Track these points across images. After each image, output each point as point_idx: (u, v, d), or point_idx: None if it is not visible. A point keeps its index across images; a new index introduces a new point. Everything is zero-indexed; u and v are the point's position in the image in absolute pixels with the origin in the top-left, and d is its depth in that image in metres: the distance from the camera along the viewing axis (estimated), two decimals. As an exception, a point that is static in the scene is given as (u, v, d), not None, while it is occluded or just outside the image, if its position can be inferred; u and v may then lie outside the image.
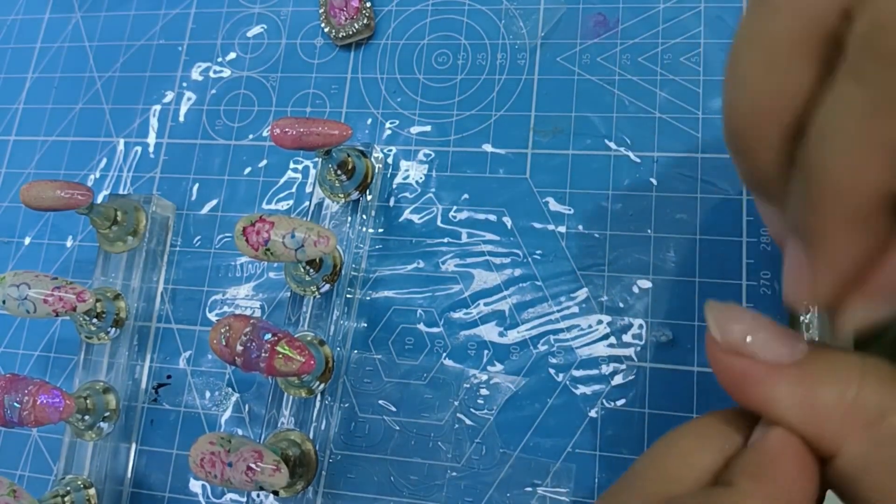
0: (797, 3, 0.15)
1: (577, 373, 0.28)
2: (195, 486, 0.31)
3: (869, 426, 0.16)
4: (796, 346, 0.17)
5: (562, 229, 0.30)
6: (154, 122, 0.36)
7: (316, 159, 0.33)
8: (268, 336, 0.26)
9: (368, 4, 0.34)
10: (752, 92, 0.16)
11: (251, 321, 0.26)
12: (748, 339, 0.17)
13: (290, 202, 0.33)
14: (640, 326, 0.28)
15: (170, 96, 0.36)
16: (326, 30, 0.34)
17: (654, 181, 0.30)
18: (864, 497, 0.16)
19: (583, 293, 0.29)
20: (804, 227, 0.16)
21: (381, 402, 0.30)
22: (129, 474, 0.31)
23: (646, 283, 0.29)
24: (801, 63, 0.16)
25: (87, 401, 0.30)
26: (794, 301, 0.18)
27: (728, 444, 0.18)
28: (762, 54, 0.16)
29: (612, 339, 0.28)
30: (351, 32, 0.34)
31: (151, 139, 0.36)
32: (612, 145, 0.31)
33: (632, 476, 0.18)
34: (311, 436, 0.29)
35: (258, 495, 0.29)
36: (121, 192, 0.35)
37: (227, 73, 0.36)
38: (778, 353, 0.17)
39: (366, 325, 0.31)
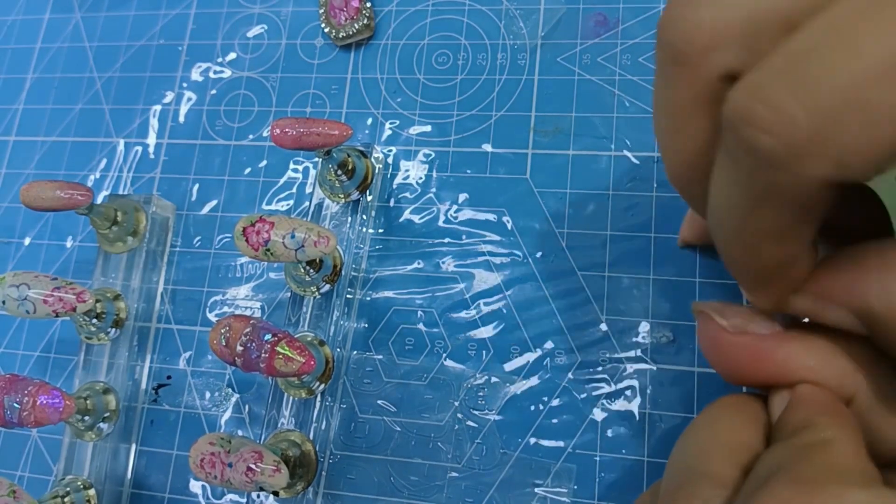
0: (687, 74, 0.16)
1: (577, 373, 0.28)
2: (195, 486, 0.30)
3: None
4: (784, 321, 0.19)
5: (562, 229, 0.30)
6: (154, 123, 0.36)
7: (316, 159, 0.33)
8: (268, 336, 0.26)
9: (368, 5, 0.34)
10: (667, 151, 0.18)
11: (251, 321, 0.26)
12: (749, 322, 0.18)
13: (290, 202, 0.33)
14: (641, 327, 0.28)
15: (170, 97, 0.36)
16: (326, 30, 0.34)
17: (654, 182, 0.30)
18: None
19: (583, 293, 0.29)
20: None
21: (381, 402, 0.30)
22: (128, 475, 0.31)
23: (646, 284, 0.29)
24: (698, 126, 0.17)
25: (87, 401, 0.30)
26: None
27: (759, 416, 0.19)
28: (667, 121, 0.18)
29: (613, 340, 0.28)
30: (351, 33, 0.34)
31: (151, 139, 0.36)
32: (613, 146, 0.31)
33: (690, 462, 0.18)
34: (311, 436, 0.29)
35: (258, 496, 0.29)
36: (121, 192, 0.35)
37: (227, 73, 0.36)
38: (777, 327, 0.18)
39: (366, 325, 0.31)
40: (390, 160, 0.33)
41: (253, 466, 0.24)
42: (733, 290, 0.28)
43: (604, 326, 0.29)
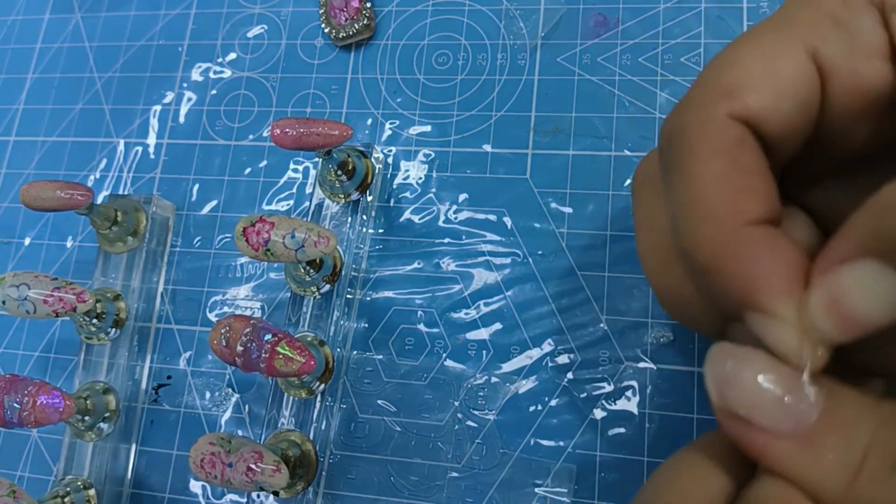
0: (653, 224, 0.21)
1: (577, 373, 0.28)
2: (195, 486, 0.30)
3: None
4: (804, 411, 0.16)
5: (562, 229, 0.30)
6: (154, 123, 0.36)
7: (316, 160, 0.33)
8: (268, 336, 0.26)
9: (368, 5, 0.34)
10: (654, 281, 0.21)
11: (251, 322, 0.26)
12: (750, 409, 0.16)
13: (291, 202, 0.33)
14: (641, 327, 0.28)
15: (170, 97, 0.36)
16: (327, 30, 0.34)
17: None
18: None
19: (583, 293, 0.29)
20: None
21: (381, 402, 0.30)
22: (129, 475, 0.31)
23: (646, 284, 0.29)
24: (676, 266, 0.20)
25: (87, 401, 0.30)
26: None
27: (740, 464, 0.17)
28: (651, 261, 0.21)
29: (613, 340, 0.28)
30: (351, 33, 0.34)
31: (151, 140, 0.36)
32: (613, 145, 0.31)
33: (648, 498, 0.18)
34: (311, 436, 0.29)
35: (258, 496, 0.29)
36: (121, 192, 0.35)
37: (227, 73, 0.36)
38: (781, 423, 0.16)
39: (366, 325, 0.31)
40: (390, 160, 0.33)
41: (253, 466, 0.24)
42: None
43: (604, 326, 0.29)
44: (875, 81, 0.17)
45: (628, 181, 0.30)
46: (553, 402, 0.28)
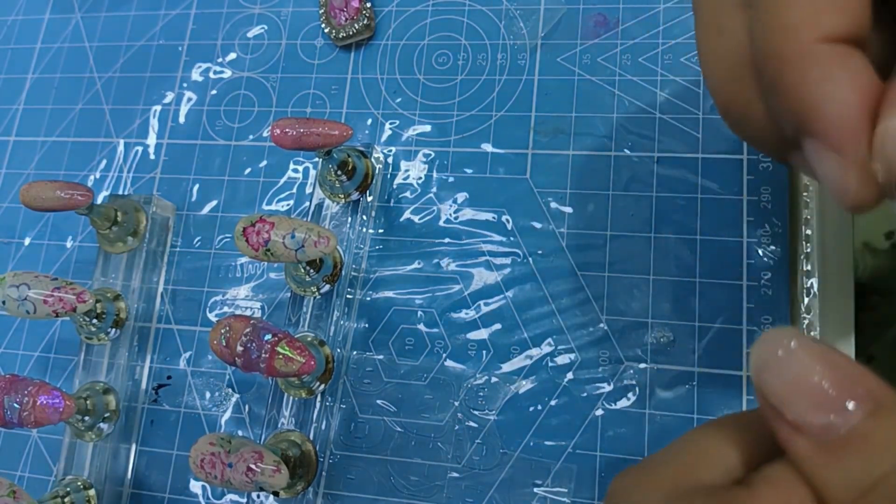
0: None
1: (577, 373, 0.28)
2: (195, 486, 0.30)
3: None
4: (835, 422, 0.15)
5: (562, 229, 0.30)
6: (154, 123, 0.36)
7: (316, 160, 0.33)
8: (268, 336, 0.26)
9: (368, 5, 0.34)
10: (709, 56, 0.19)
11: (251, 322, 0.26)
12: (782, 401, 0.15)
13: (291, 203, 0.33)
14: (641, 327, 0.28)
15: (170, 97, 0.36)
16: (327, 30, 0.34)
17: (654, 181, 0.30)
18: None
19: (583, 293, 0.29)
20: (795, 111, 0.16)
21: (381, 402, 0.30)
22: (129, 475, 0.31)
23: (646, 284, 0.29)
24: (736, 25, 0.18)
25: (87, 401, 0.30)
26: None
27: (750, 445, 0.17)
28: (719, 70, 0.19)
29: (613, 340, 0.28)
30: (351, 33, 0.34)
31: (151, 140, 0.36)
32: (613, 146, 0.31)
33: (650, 467, 0.18)
34: (311, 436, 0.29)
35: (258, 496, 0.29)
36: (121, 192, 0.35)
37: (227, 73, 0.36)
38: (809, 423, 0.15)
39: (366, 325, 0.31)
40: (390, 160, 0.33)
41: (253, 466, 0.24)
42: (734, 290, 0.28)
43: (604, 326, 0.29)
44: None
45: (629, 181, 0.30)
46: (553, 402, 0.28)
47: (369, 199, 0.32)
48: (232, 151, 0.34)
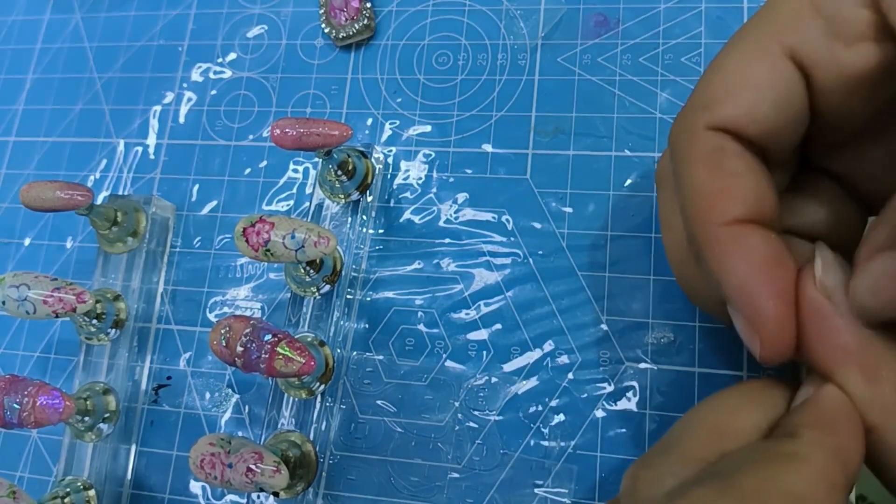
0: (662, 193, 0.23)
1: (577, 374, 0.28)
2: (195, 487, 0.30)
3: None
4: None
5: (562, 230, 0.30)
6: (154, 123, 0.36)
7: (316, 160, 0.33)
8: (268, 337, 0.26)
9: (369, 5, 0.34)
10: (675, 272, 0.24)
11: (251, 322, 0.26)
12: (846, 296, 0.17)
13: (291, 203, 0.33)
14: (641, 327, 0.28)
15: (170, 97, 0.36)
16: (327, 30, 0.34)
17: (654, 182, 0.30)
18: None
19: (583, 294, 0.29)
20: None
21: (381, 403, 0.30)
22: (128, 475, 0.31)
23: (646, 284, 0.29)
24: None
25: (87, 402, 0.30)
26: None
27: (773, 404, 0.19)
28: (672, 254, 0.23)
29: (613, 340, 0.28)
30: (351, 33, 0.34)
31: (151, 140, 0.36)
32: (613, 146, 0.31)
33: (677, 435, 0.19)
34: (311, 437, 0.29)
35: (258, 497, 0.29)
36: (121, 192, 0.35)
37: (227, 73, 0.36)
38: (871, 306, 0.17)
39: (366, 325, 0.31)
40: (390, 160, 0.33)
41: (253, 467, 0.24)
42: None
43: (604, 326, 0.29)
44: (859, 65, 0.18)
45: (629, 181, 0.30)
46: (553, 403, 0.28)
47: (369, 199, 0.32)
48: (232, 151, 0.34)
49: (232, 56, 0.36)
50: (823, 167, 0.22)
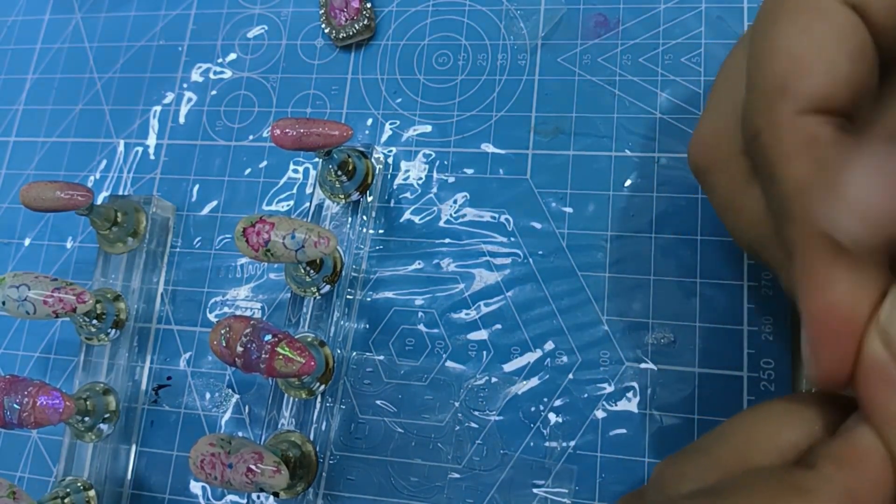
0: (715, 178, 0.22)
1: (578, 374, 0.28)
2: (195, 487, 0.30)
3: None
4: None
5: (562, 230, 0.30)
6: (154, 123, 0.36)
7: (316, 160, 0.33)
8: (268, 337, 0.26)
9: (369, 5, 0.34)
10: (735, 230, 0.22)
11: (251, 322, 0.26)
12: None
13: (291, 203, 0.33)
14: (642, 327, 0.28)
15: (170, 97, 0.36)
16: (327, 31, 0.34)
17: (654, 182, 0.30)
18: None
19: (583, 294, 0.29)
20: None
21: (381, 403, 0.30)
22: (129, 476, 0.31)
23: (646, 284, 0.29)
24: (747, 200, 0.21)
25: (87, 402, 0.30)
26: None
27: (813, 426, 0.17)
28: (752, 239, 0.21)
29: (613, 340, 0.28)
30: (351, 33, 0.34)
31: (151, 140, 0.36)
32: (613, 146, 0.31)
33: (712, 442, 0.18)
34: (311, 437, 0.29)
35: (258, 497, 0.29)
36: (121, 193, 0.35)
37: (227, 73, 0.36)
38: None
39: (366, 326, 0.31)
40: (390, 161, 0.33)
41: (253, 467, 0.24)
42: (735, 290, 0.28)
43: (604, 327, 0.29)
44: None
45: (629, 182, 0.30)
46: (554, 403, 0.28)
47: (369, 199, 0.32)
48: (232, 152, 0.34)
49: (232, 56, 0.36)
50: None
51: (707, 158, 0.22)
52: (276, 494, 0.28)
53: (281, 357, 0.25)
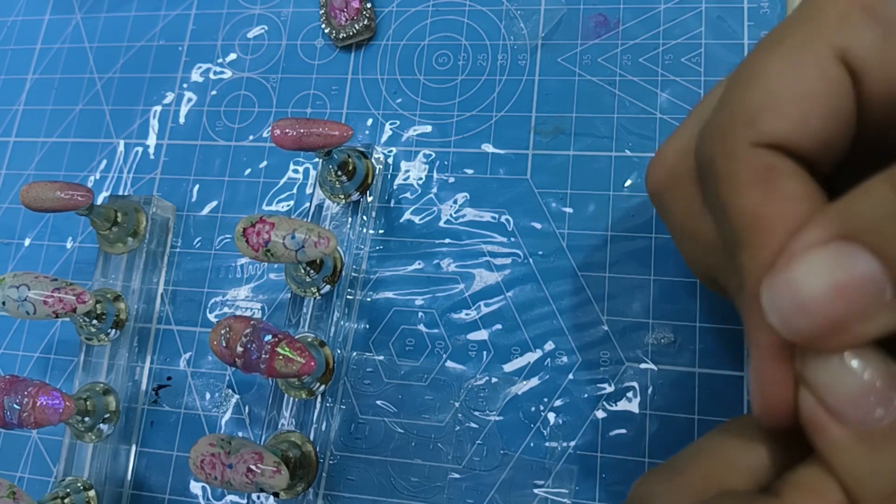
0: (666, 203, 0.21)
1: (578, 374, 0.28)
2: (195, 487, 0.30)
3: None
4: (882, 414, 0.14)
5: (563, 230, 0.30)
6: (154, 124, 0.36)
7: (316, 160, 0.33)
8: (268, 337, 0.26)
9: (369, 5, 0.34)
10: (687, 255, 0.22)
11: (251, 322, 0.26)
12: (825, 388, 0.15)
13: (291, 203, 0.33)
14: (642, 327, 0.28)
15: (170, 97, 0.36)
16: (327, 31, 0.34)
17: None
18: None
19: (583, 294, 0.29)
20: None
21: (381, 403, 0.30)
22: (129, 476, 0.31)
23: (647, 284, 0.29)
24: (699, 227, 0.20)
25: (87, 402, 0.30)
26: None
27: (776, 449, 0.17)
28: (701, 265, 0.21)
29: (614, 341, 0.28)
30: (351, 33, 0.34)
31: (152, 140, 0.36)
32: (613, 146, 0.31)
33: (672, 470, 0.18)
34: (311, 437, 0.29)
35: (258, 497, 0.29)
36: (121, 193, 0.35)
37: (227, 74, 0.36)
38: (852, 412, 0.14)
39: (366, 326, 0.31)
40: (391, 161, 0.33)
41: (253, 467, 0.24)
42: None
43: (605, 327, 0.29)
44: None
45: (629, 182, 0.30)
46: (554, 403, 0.28)
47: (369, 199, 0.32)
48: (232, 152, 0.34)
49: (232, 56, 0.36)
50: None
51: (665, 180, 0.21)
52: (276, 495, 0.28)
53: (281, 357, 0.25)
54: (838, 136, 0.17)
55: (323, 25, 0.35)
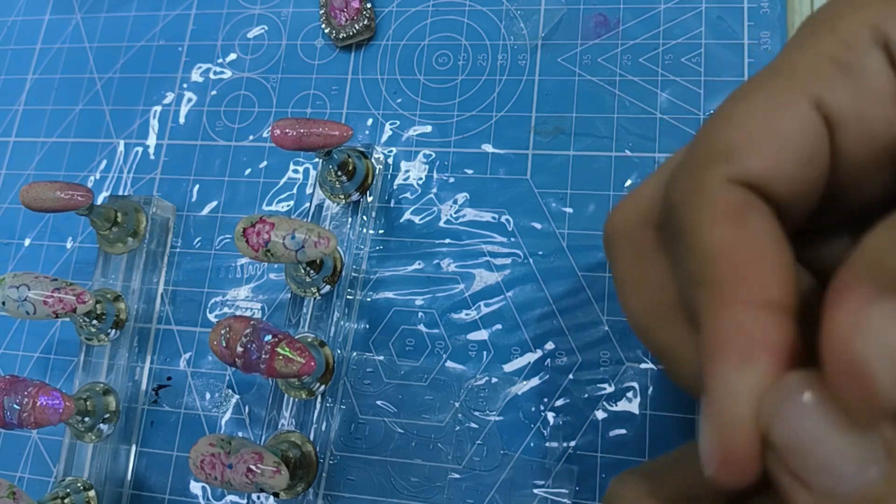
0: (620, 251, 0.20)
1: (578, 374, 0.28)
2: (195, 487, 0.30)
3: None
4: (854, 476, 0.13)
5: (563, 230, 0.30)
6: (154, 124, 0.36)
7: (316, 160, 0.33)
8: (268, 337, 0.26)
9: (369, 5, 0.34)
10: (652, 342, 0.19)
11: (251, 322, 0.26)
12: (794, 456, 0.14)
13: (291, 203, 0.33)
14: (642, 327, 0.28)
15: (170, 97, 0.36)
16: (327, 31, 0.34)
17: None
18: None
19: (584, 294, 0.29)
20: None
21: (381, 403, 0.30)
22: (129, 476, 0.31)
23: (647, 284, 0.29)
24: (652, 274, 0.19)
25: (87, 402, 0.30)
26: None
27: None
28: (648, 320, 0.19)
29: (614, 341, 0.28)
30: (351, 33, 0.34)
31: (152, 140, 0.36)
32: (613, 146, 0.31)
33: (644, 475, 0.18)
34: (311, 437, 0.29)
35: (258, 497, 0.29)
36: (121, 193, 0.35)
37: (227, 74, 0.36)
38: (821, 481, 0.13)
39: (366, 326, 0.31)
40: (391, 161, 0.33)
41: (253, 468, 0.24)
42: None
43: (605, 327, 0.29)
44: (887, 128, 0.16)
45: (629, 182, 0.30)
46: (554, 403, 0.28)
47: (369, 199, 0.32)
48: (232, 152, 0.34)
49: (232, 56, 0.36)
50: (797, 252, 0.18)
51: (619, 225, 0.20)
52: (276, 495, 0.28)
53: (281, 357, 0.25)
54: (811, 184, 0.17)
55: (323, 25, 0.35)
